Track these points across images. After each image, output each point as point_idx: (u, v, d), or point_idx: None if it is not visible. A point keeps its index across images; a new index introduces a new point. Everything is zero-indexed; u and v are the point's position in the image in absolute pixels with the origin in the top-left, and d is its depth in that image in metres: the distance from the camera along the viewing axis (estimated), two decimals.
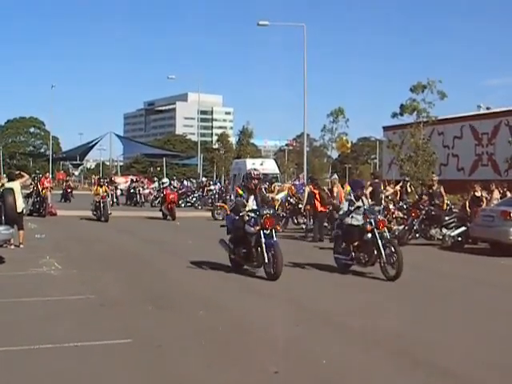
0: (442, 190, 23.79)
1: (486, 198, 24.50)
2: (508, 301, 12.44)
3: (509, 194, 25.48)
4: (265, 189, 32.99)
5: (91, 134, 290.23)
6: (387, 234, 15.22)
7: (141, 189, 50.87)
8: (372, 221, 14.99)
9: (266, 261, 14.02)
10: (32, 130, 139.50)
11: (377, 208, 20.17)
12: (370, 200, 20.00)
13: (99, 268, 15.42)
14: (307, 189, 25.12)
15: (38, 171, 58.80)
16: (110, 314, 10.42)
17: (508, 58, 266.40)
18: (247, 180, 15.77)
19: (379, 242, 14.62)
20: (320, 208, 23.43)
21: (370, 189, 20.70)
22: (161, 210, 34.27)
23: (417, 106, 49.81)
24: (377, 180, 21.72)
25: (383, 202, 23.96)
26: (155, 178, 62.18)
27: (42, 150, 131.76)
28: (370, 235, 14.89)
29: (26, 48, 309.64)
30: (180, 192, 46.20)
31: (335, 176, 28.58)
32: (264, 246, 14.15)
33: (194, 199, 47.09)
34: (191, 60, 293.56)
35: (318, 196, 23.56)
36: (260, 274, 14.25)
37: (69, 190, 52.60)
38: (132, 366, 7.57)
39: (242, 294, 12.63)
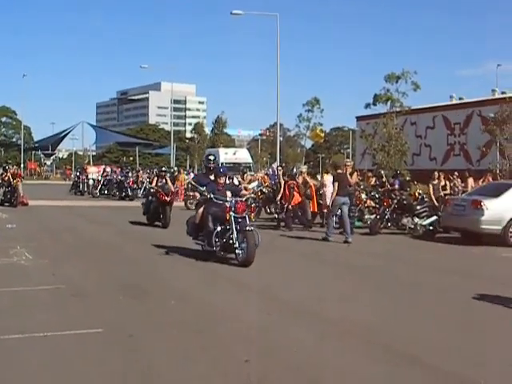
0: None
1: (457, 187, 24.68)
2: (478, 289, 12.51)
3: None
4: (235, 179, 33.07)
5: (63, 124, 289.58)
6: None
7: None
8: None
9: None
10: (4, 119, 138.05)
11: (343, 199, 20.32)
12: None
13: (70, 258, 15.32)
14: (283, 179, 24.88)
15: (9, 161, 58.31)
16: (81, 303, 10.35)
17: (480, 49, 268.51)
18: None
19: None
20: (298, 199, 23.51)
21: (336, 183, 20.38)
22: (145, 213, 24.69)
23: (390, 96, 50.04)
24: (340, 171, 21.56)
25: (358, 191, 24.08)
26: (127, 168, 61.65)
27: (14, 140, 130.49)
28: None
29: None
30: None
31: (303, 167, 28.60)
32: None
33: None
34: (164, 49, 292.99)
35: (296, 187, 23.61)
36: (233, 262, 14.29)
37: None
38: (103, 356, 7.53)
39: (213, 282, 12.60)
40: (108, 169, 55.47)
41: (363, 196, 25.40)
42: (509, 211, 19.60)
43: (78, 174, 54.12)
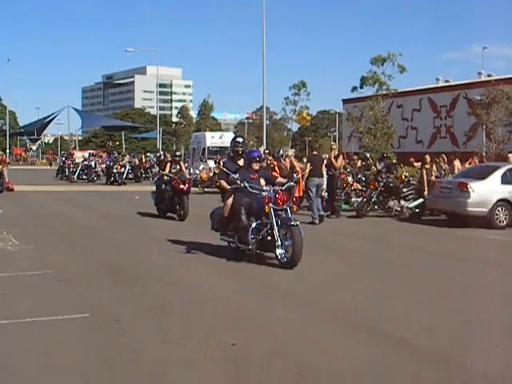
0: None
1: (446, 170, 24.71)
2: (463, 271, 12.61)
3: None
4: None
5: (49, 109, 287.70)
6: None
7: (97, 163, 50.27)
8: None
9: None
10: None
11: (318, 180, 20.61)
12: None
13: (57, 243, 15.32)
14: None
15: None
16: (68, 289, 10.35)
17: (466, 32, 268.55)
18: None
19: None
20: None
21: (309, 164, 20.60)
22: (157, 205, 22.25)
23: (378, 78, 50.00)
24: (315, 152, 21.93)
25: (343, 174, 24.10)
26: (115, 153, 61.44)
27: None
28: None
29: None
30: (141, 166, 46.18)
31: (289, 151, 28.55)
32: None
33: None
34: (150, 33, 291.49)
35: (276, 168, 23.51)
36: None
37: None
38: (90, 341, 7.54)
39: (200, 267, 12.57)
40: (85, 153, 55.35)
41: (350, 179, 25.45)
42: (495, 193, 19.69)
43: (63, 159, 53.91)
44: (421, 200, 22.35)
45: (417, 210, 22.33)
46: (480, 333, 8.11)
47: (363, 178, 25.16)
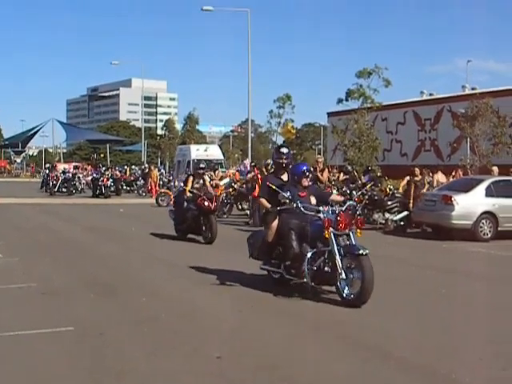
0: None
1: (429, 183, 24.74)
2: (449, 283, 12.63)
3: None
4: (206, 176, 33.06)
5: (33, 121, 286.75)
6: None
7: (80, 176, 50.13)
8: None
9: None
10: None
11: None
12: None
13: (41, 256, 15.23)
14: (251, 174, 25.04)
15: None
16: (52, 302, 10.30)
17: (449, 46, 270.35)
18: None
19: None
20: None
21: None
22: (177, 226, 19.29)
23: (363, 92, 50.27)
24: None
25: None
26: (101, 166, 61.30)
27: None
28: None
29: None
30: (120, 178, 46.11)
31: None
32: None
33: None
34: (135, 46, 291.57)
35: (259, 181, 23.47)
36: (196, 255, 12.85)
37: None
38: (74, 354, 7.49)
39: (184, 281, 12.52)
40: (66, 165, 55.17)
41: (334, 192, 25.45)
42: (479, 206, 19.77)
43: (47, 171, 53.69)
44: (406, 213, 22.40)
45: (401, 223, 22.37)
46: (465, 345, 8.13)
47: (347, 191, 25.15)
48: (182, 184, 33.93)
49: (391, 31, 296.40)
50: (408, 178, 24.69)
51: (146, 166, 53.88)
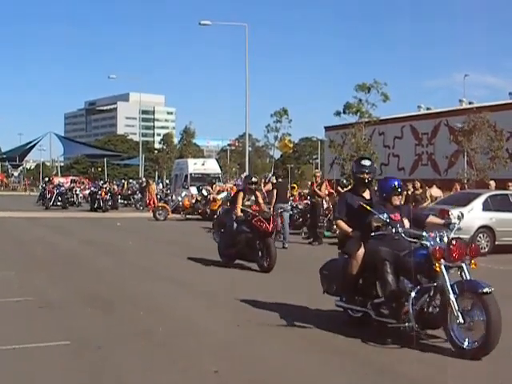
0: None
1: (421, 196, 24.62)
2: None
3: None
4: (207, 190, 33.16)
5: (31, 135, 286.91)
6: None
7: (77, 189, 50.17)
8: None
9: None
10: None
11: (282, 205, 21.26)
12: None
13: (38, 270, 15.18)
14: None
15: None
16: (49, 316, 10.26)
17: (447, 60, 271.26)
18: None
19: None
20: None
21: (275, 191, 21.82)
22: (225, 249, 16.68)
23: (360, 108, 50.42)
24: (280, 180, 23.04)
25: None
26: (99, 180, 61.35)
27: None
28: None
29: None
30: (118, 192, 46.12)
31: (273, 177, 28.74)
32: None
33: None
34: (133, 60, 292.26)
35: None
36: (196, 271, 13.03)
37: None
38: (71, 368, 7.46)
39: (182, 295, 12.52)
40: (62, 179, 55.11)
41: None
42: (476, 220, 19.79)
43: (44, 185, 53.68)
44: None
45: None
46: (461, 359, 8.08)
47: None
48: (179, 198, 33.58)
49: (389, 45, 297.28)
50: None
51: (144, 180, 53.85)
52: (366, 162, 10.13)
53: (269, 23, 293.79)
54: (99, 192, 42.33)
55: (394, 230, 8.98)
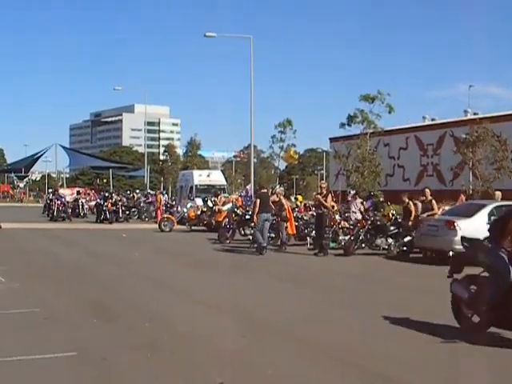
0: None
1: (415, 205, 24.47)
2: (450, 308, 12.56)
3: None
4: (212, 201, 33.19)
5: (37, 146, 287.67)
6: None
7: (83, 201, 50.18)
8: None
9: None
10: None
11: (266, 215, 21.71)
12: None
13: (43, 281, 15.20)
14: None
15: None
16: (55, 327, 10.28)
17: (451, 71, 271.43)
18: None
19: None
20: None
21: (258, 200, 22.65)
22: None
23: (366, 117, 50.51)
24: (264, 190, 23.46)
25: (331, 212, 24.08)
26: (106, 193, 61.35)
27: None
28: None
29: None
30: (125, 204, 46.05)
31: (280, 188, 28.83)
32: None
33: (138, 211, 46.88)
34: (138, 71, 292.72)
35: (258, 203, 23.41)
36: (200, 281, 13.48)
37: None
38: (77, 380, 7.48)
39: (188, 305, 12.54)
40: (67, 191, 55.06)
41: (337, 217, 25.48)
42: (482, 231, 19.65)
43: (49, 196, 53.70)
44: (408, 238, 22.37)
45: (404, 248, 22.34)
46: (468, 371, 8.07)
47: (352, 217, 25.22)
48: (185, 209, 33.54)
49: (393, 56, 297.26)
50: (408, 201, 24.54)
51: (150, 191, 53.90)
52: None
53: (273, 35, 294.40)
54: (105, 204, 42.32)
55: None
